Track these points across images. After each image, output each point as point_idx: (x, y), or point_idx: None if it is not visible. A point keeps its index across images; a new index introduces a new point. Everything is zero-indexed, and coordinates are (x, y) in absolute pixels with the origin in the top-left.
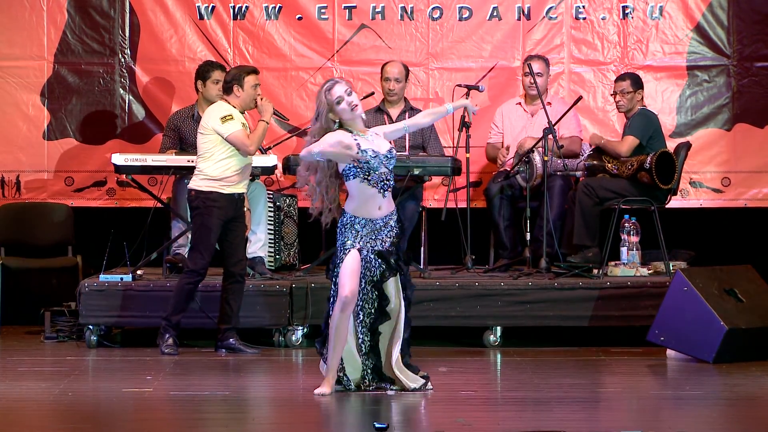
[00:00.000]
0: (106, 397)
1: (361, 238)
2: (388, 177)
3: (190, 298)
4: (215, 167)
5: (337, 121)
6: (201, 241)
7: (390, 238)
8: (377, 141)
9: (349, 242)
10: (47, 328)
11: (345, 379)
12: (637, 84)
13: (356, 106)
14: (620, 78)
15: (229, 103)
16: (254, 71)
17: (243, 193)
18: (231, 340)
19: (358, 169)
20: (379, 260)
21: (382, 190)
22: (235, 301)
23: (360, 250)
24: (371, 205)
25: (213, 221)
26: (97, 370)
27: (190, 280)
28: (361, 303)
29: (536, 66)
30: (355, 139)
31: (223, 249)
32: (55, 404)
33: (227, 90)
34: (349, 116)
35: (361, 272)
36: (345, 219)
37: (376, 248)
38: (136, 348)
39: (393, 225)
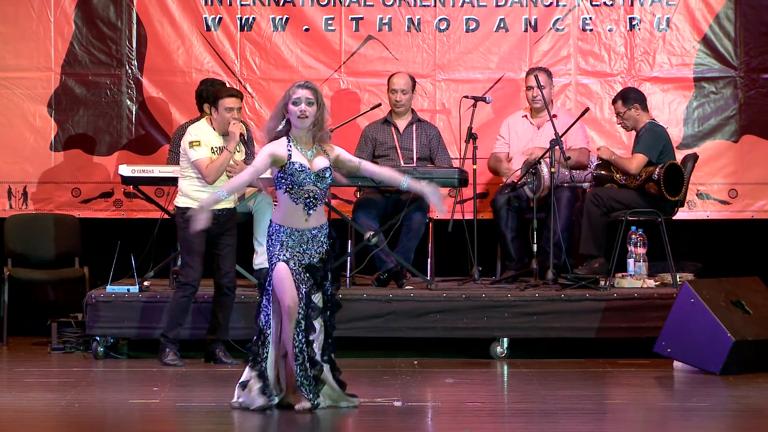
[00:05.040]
0: (112, 408)
1: (288, 249)
2: (316, 195)
3: (186, 312)
4: (190, 186)
5: (284, 123)
6: (187, 255)
7: (319, 253)
8: (318, 158)
9: (275, 255)
10: (54, 339)
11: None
12: (629, 99)
13: (306, 117)
14: (613, 102)
15: (210, 123)
16: (232, 94)
17: (227, 208)
18: (216, 350)
19: (284, 180)
20: (308, 274)
21: (306, 208)
22: (223, 313)
23: (287, 262)
24: (297, 216)
25: (193, 237)
26: (104, 381)
27: (183, 293)
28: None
29: (539, 79)
30: (289, 149)
31: (212, 261)
32: (61, 415)
33: (211, 108)
34: (295, 122)
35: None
36: (271, 229)
37: (304, 262)
38: (143, 359)
39: (323, 239)
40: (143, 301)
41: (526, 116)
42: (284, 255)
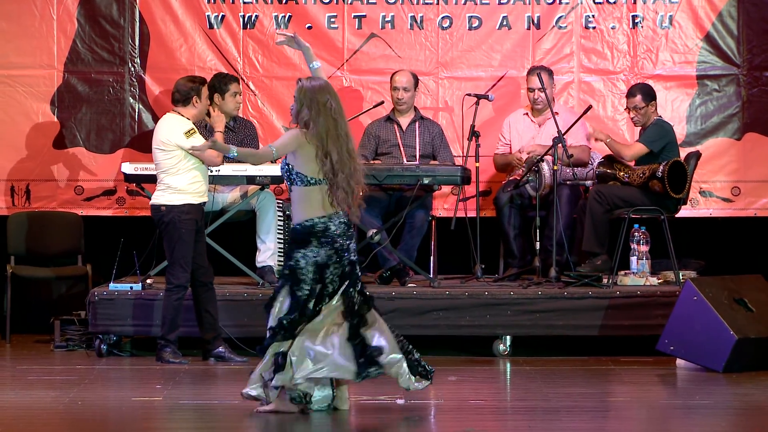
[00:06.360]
0: (115, 406)
1: None
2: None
3: (181, 312)
4: (184, 180)
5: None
6: (181, 255)
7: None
8: None
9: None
10: (57, 336)
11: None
12: (649, 96)
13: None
14: (630, 94)
15: (182, 115)
16: (205, 82)
17: (204, 201)
18: (220, 348)
19: None
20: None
21: None
22: (213, 308)
23: None
24: None
25: (189, 234)
26: (107, 379)
27: (177, 295)
28: None
29: (540, 79)
30: None
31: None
32: (64, 413)
33: (185, 101)
34: None
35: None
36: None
37: None
38: (146, 357)
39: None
40: (146, 298)
41: (527, 114)
42: None
